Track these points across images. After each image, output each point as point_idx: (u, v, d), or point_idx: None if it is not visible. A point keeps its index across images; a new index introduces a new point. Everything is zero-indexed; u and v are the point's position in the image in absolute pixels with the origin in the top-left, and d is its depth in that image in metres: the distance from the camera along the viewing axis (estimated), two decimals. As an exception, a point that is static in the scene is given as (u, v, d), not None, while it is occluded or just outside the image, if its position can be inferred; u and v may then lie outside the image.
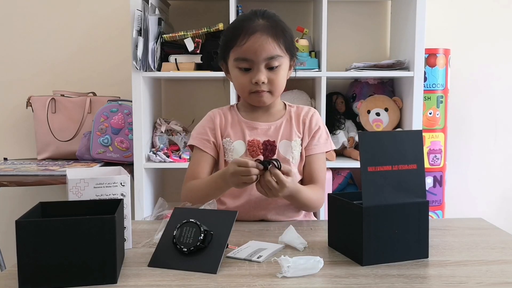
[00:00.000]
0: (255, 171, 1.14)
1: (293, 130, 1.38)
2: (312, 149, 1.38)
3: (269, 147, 1.35)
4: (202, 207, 1.12)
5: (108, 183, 1.01)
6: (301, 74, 2.13)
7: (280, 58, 1.29)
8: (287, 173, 1.16)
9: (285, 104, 1.45)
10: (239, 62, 1.30)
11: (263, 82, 1.29)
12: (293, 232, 1.07)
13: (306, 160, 1.39)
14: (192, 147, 1.40)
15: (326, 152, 1.42)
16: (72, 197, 0.99)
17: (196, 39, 2.10)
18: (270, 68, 1.29)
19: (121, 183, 1.02)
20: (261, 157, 1.31)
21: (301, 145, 1.38)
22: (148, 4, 2.05)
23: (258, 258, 0.97)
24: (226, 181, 1.21)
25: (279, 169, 1.15)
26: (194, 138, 1.39)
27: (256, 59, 1.28)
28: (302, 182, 1.41)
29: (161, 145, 2.18)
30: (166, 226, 1.02)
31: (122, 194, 1.02)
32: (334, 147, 1.46)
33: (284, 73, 1.33)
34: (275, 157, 1.34)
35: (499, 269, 0.93)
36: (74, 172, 1.10)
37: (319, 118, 1.43)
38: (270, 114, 1.40)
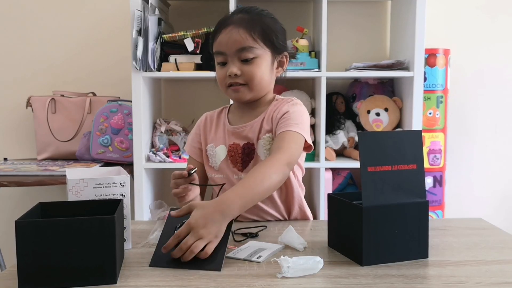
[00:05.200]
0: (174, 183, 1.19)
1: (263, 127, 1.29)
2: (280, 128, 1.23)
3: (247, 150, 1.30)
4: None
5: (108, 183, 1.01)
6: (301, 74, 2.13)
7: (254, 49, 1.23)
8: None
9: (273, 99, 1.34)
10: (216, 56, 1.28)
11: (235, 75, 1.24)
12: (292, 232, 1.07)
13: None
14: None
15: (307, 146, 1.25)
16: (71, 197, 0.99)
17: (196, 39, 2.09)
18: (245, 61, 1.24)
19: (120, 183, 1.02)
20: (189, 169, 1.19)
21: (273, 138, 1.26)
22: (148, 4, 2.05)
23: (258, 258, 0.97)
24: None
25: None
26: (186, 144, 1.43)
27: (228, 51, 1.24)
28: None
29: (161, 145, 2.18)
30: (164, 226, 1.02)
31: (121, 194, 1.02)
32: (308, 140, 1.23)
33: (264, 68, 1.26)
34: (253, 160, 1.28)
35: (498, 269, 0.93)
36: (73, 172, 1.10)
37: (294, 106, 1.28)
38: (258, 112, 1.32)
